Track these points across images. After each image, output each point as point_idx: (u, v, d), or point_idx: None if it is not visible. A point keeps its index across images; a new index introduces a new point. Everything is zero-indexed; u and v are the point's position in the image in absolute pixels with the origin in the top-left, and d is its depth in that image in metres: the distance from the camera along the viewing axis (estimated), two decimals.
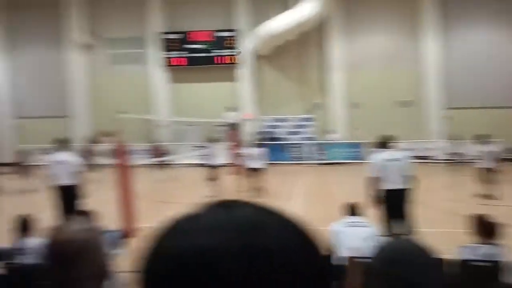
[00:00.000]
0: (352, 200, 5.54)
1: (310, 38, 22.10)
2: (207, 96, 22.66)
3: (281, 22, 20.61)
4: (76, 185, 7.91)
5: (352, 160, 19.91)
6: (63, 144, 8.46)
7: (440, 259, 2.85)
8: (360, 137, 20.47)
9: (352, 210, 5.30)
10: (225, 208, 0.61)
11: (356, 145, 20.84)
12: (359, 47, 21.98)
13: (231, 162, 16.53)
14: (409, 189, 6.60)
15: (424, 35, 21.58)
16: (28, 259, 4.52)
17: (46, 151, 11.70)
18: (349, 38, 21.95)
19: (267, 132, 22.18)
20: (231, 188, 13.84)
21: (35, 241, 4.62)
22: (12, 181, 15.52)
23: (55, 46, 23.58)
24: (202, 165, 13.38)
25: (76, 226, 1.32)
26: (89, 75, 23.72)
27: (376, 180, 6.64)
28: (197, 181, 14.14)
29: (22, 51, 23.88)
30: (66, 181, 7.79)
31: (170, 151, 19.15)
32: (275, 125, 22.53)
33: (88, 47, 23.56)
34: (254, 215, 0.60)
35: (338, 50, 21.99)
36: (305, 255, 0.59)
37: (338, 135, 21.28)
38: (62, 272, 1.23)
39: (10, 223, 4.92)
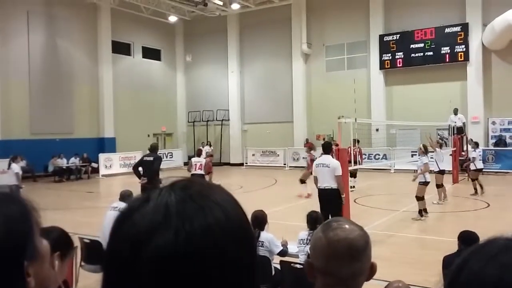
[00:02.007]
0: None
1: None
2: (429, 97, 21.21)
3: None
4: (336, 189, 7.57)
5: None
6: (325, 147, 7.93)
7: None
8: None
9: None
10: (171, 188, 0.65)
11: None
12: None
13: (454, 167, 15.25)
14: None
15: None
16: (262, 252, 4.96)
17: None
18: None
19: (498, 136, 19.57)
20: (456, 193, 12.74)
21: (266, 235, 5.04)
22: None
23: (280, 57, 25.70)
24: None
25: (348, 224, 1.41)
26: (308, 83, 25.07)
27: None
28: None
29: (250, 62, 26.82)
30: (326, 184, 7.55)
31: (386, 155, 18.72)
32: (509, 128, 19.71)
33: (307, 56, 24.94)
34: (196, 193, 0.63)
35: None
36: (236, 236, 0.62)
37: None
38: (347, 268, 1.33)
39: None
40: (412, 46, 21.62)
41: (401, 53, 21.96)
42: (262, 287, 4.87)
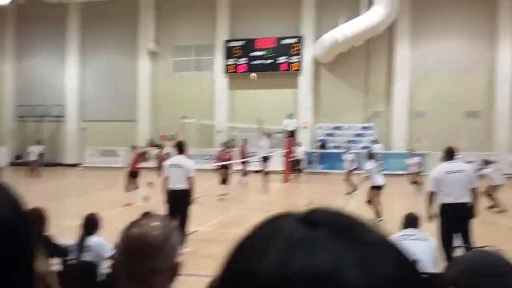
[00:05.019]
0: (409, 212, 5.38)
1: (376, 44, 21.66)
2: (268, 102, 22.76)
3: (347, 29, 20.30)
4: (188, 190, 7.56)
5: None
6: (179, 147, 7.93)
7: None
8: (423, 147, 19.70)
9: (410, 223, 5.14)
10: None
11: (419, 156, 20.07)
12: (426, 54, 21.21)
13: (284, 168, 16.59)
14: (472, 203, 6.27)
15: (498, 42, 20.39)
16: (88, 257, 4.75)
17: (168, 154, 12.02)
18: (416, 44, 21.26)
19: (323, 140, 21.96)
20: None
21: (96, 240, 4.85)
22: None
23: (125, 53, 24.82)
24: (256, 171, 13.50)
25: (153, 222, 1.39)
26: (154, 82, 24.73)
27: (434, 192, 6.39)
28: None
29: (93, 58, 25.35)
30: (178, 185, 7.46)
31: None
32: (332, 133, 22.26)
33: (154, 55, 24.60)
34: None
35: (404, 56, 21.37)
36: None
37: (380, 145, 20.23)
38: (135, 265, 1.30)
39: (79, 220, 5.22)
40: (254, 53, 22.96)
41: (244, 59, 23.14)
42: None
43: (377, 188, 9.75)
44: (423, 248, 4.58)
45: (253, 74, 17.55)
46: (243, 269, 0.44)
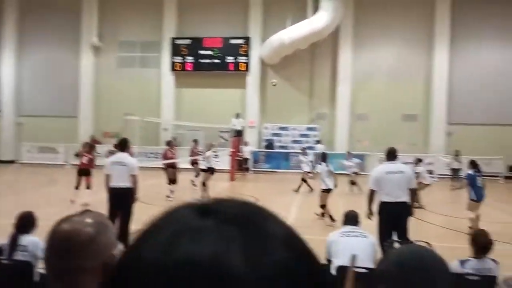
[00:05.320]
0: (350, 209, 5.59)
1: (320, 48, 22.21)
2: (214, 101, 22.73)
3: (293, 32, 20.66)
4: (131, 188, 7.42)
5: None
6: (122, 145, 7.79)
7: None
8: (363, 148, 20.46)
9: (349, 220, 5.34)
10: None
11: (358, 157, 20.80)
12: (367, 59, 22.05)
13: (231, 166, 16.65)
14: (410, 202, 6.57)
15: (434, 49, 21.55)
16: (22, 256, 4.55)
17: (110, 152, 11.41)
18: (358, 50, 22.03)
19: (269, 140, 22.24)
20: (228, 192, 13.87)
21: (31, 239, 4.65)
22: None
23: (66, 47, 23.85)
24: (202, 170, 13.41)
25: (85, 218, 1.31)
26: (97, 77, 23.96)
27: (375, 192, 6.64)
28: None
29: (31, 50, 24.16)
30: (121, 183, 7.32)
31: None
32: (279, 133, 22.59)
33: (97, 50, 23.83)
34: None
35: (347, 61, 22.06)
36: None
37: (322, 146, 20.92)
38: (61, 262, 1.23)
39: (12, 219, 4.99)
40: (202, 52, 22.82)
41: (191, 58, 22.93)
42: None
43: (327, 191, 9.81)
44: (362, 244, 4.77)
45: (274, 81, 17.72)
46: (132, 256, 0.45)
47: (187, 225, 0.45)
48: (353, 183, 14.52)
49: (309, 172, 14.08)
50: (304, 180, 14.14)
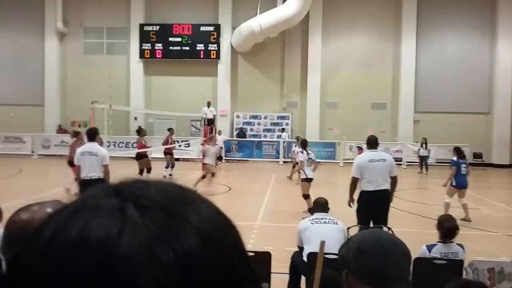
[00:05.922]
0: (319, 197, 5.67)
1: (291, 36, 22.23)
2: (185, 90, 22.49)
3: (263, 20, 20.56)
4: (102, 179, 7.25)
5: (325, 159, 19.90)
6: (91, 134, 7.63)
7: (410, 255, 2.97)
8: (334, 137, 20.74)
9: (319, 207, 5.42)
10: None
11: (329, 145, 21.10)
12: (337, 48, 22.23)
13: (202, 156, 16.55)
14: (390, 190, 6.61)
15: (402, 39, 21.91)
16: None
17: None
18: (327, 38, 22.16)
19: (240, 128, 22.22)
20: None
21: None
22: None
23: (30, 33, 23.02)
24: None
25: (45, 207, 1.28)
26: (63, 64, 23.29)
27: (357, 180, 6.61)
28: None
29: None
30: (93, 173, 7.17)
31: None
32: (250, 122, 22.59)
33: (63, 35, 23.13)
34: None
35: (317, 49, 22.16)
36: None
37: (287, 134, 21.28)
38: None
39: None
40: (171, 39, 22.45)
41: (160, 45, 22.54)
42: None
43: (308, 181, 9.69)
44: (333, 231, 4.87)
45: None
46: (35, 232, 0.44)
47: (89, 203, 0.43)
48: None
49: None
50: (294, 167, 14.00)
